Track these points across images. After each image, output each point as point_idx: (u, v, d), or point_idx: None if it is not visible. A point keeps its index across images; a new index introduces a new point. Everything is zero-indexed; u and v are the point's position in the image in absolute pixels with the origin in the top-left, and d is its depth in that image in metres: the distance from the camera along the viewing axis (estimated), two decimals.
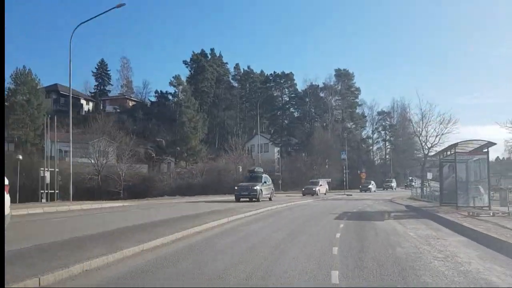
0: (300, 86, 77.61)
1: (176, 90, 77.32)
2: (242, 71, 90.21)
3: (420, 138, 32.81)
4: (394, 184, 64.55)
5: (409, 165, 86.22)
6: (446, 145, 32.03)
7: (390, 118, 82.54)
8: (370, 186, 56.66)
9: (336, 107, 77.20)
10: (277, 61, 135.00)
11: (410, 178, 73.41)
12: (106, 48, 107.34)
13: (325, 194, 40.68)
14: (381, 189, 60.59)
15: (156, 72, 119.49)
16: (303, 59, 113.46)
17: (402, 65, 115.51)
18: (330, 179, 56.33)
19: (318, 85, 74.49)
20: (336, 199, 31.93)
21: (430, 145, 32.62)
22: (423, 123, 32.56)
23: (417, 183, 76.90)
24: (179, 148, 71.20)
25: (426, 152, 32.93)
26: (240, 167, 44.59)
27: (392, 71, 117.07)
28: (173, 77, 76.54)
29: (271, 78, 73.79)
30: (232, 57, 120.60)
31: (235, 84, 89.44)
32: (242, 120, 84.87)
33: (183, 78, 77.22)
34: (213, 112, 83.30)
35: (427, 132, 32.47)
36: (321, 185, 42.54)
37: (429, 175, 36.61)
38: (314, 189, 39.92)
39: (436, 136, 32.16)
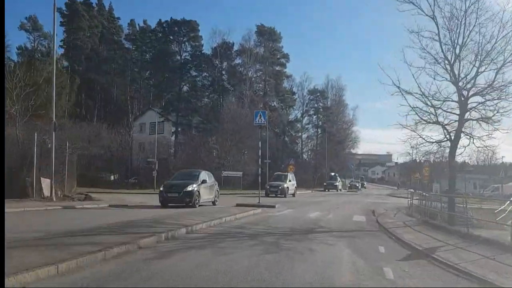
0: (208, 43, 56.53)
1: (30, 37, 53.25)
2: (138, 29, 66.84)
3: (453, 66, 12.52)
4: (289, 184, 31.21)
5: (344, 160, 69.49)
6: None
7: (324, 99, 64.51)
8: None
9: (257, 79, 56.99)
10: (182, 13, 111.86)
11: (333, 174, 51.87)
12: None
13: None
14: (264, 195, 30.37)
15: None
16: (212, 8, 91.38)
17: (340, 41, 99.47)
18: (241, 173, 36.07)
19: (233, 44, 53.74)
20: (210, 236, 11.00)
21: (466, 82, 12.75)
22: (460, 26, 12.43)
23: (340, 181, 58.45)
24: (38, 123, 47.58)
25: (464, 98, 12.82)
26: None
27: (328, 45, 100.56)
28: (26, 18, 51.59)
29: (165, 26, 51.23)
30: (127, 13, 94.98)
31: (129, 46, 65.68)
32: (136, 92, 61.52)
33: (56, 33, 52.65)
34: (94, 78, 58.96)
35: (459, 54, 12.67)
36: None
37: None
38: None
39: (481, 63, 12.50)
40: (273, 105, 55.42)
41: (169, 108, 51.41)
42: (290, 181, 31.33)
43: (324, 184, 48.27)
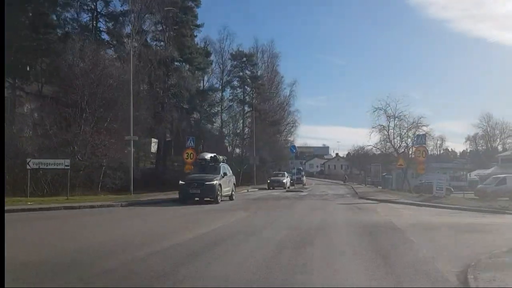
0: None
1: None
2: None
3: None
4: None
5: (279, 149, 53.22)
6: None
7: (252, 66, 47.65)
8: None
9: (156, 33, 38.71)
10: None
11: (211, 155, 19.68)
12: None
13: None
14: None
15: None
16: None
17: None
18: (68, 161, 17.79)
19: None
20: None
21: None
22: None
23: (231, 175, 38.50)
24: None
25: None
26: None
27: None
28: None
29: None
30: None
31: None
32: None
33: None
34: None
35: None
36: None
37: None
38: None
39: None
40: (177, 68, 37.34)
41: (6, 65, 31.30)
42: None
43: (181, 183, 17.17)
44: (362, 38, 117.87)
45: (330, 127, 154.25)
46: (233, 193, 19.15)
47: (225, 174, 17.98)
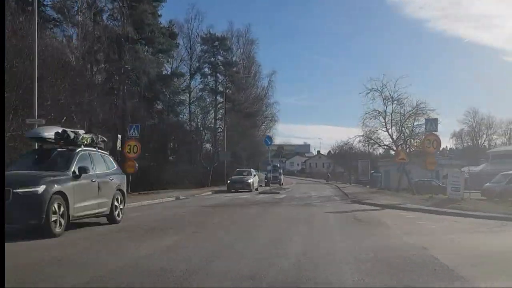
0: None
1: None
2: None
3: None
4: None
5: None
6: None
7: (227, 51, 42.47)
8: None
9: (113, 9, 33.29)
10: None
11: (58, 131, 7.96)
12: None
13: None
14: None
15: None
16: None
17: None
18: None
19: None
20: None
21: None
22: None
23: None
24: None
25: None
26: None
27: None
28: None
29: None
30: None
31: None
32: None
33: None
34: None
35: None
36: None
37: None
38: None
39: None
40: (132, 45, 31.86)
41: None
42: None
43: None
44: (341, 37, 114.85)
45: (311, 125, 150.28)
46: (119, 208, 9.78)
47: (84, 170, 8.33)
